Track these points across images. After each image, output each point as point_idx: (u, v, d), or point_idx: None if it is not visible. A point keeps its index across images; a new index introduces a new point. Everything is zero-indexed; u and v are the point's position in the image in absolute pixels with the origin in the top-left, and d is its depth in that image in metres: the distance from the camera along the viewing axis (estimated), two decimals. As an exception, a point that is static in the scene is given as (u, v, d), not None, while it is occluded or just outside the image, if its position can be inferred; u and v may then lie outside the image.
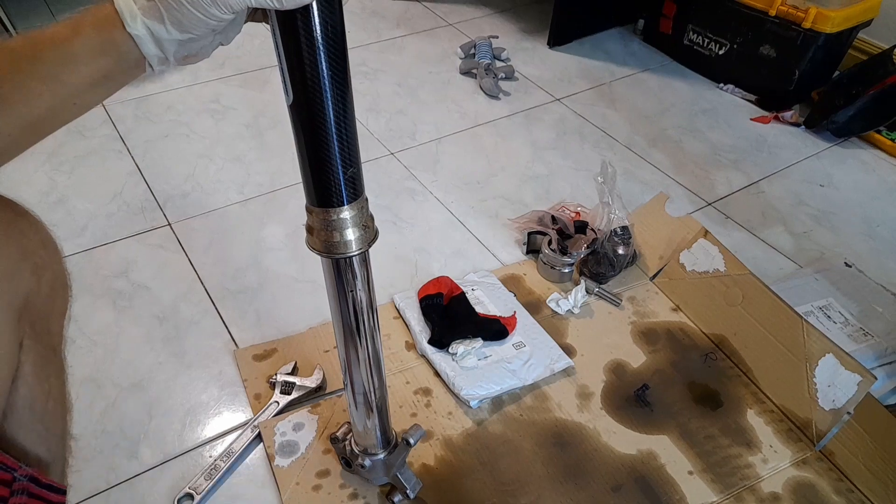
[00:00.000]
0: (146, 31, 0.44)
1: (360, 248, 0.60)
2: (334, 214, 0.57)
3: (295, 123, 0.53)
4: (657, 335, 1.10)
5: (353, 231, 0.58)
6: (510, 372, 0.99)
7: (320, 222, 0.58)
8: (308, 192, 0.57)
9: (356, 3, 2.08)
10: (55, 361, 0.59)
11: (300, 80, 0.50)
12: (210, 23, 0.45)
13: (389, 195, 1.36)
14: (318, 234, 0.59)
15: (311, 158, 0.55)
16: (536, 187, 1.42)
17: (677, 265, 1.15)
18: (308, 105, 0.51)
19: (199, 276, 1.17)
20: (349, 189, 0.56)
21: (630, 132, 1.61)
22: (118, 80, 0.47)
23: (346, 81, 0.52)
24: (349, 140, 0.54)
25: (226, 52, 1.78)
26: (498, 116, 1.63)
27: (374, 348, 0.71)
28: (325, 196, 0.56)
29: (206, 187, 1.36)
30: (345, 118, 0.53)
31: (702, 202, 1.41)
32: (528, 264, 1.22)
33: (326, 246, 0.59)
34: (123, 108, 1.56)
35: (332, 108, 0.52)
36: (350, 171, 0.55)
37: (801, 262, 1.27)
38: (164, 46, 0.45)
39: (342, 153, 0.54)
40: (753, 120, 1.67)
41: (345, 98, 0.52)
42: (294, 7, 0.46)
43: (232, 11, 0.45)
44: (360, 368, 0.72)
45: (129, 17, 0.44)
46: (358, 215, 0.58)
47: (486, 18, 2.06)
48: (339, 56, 0.50)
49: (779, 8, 1.57)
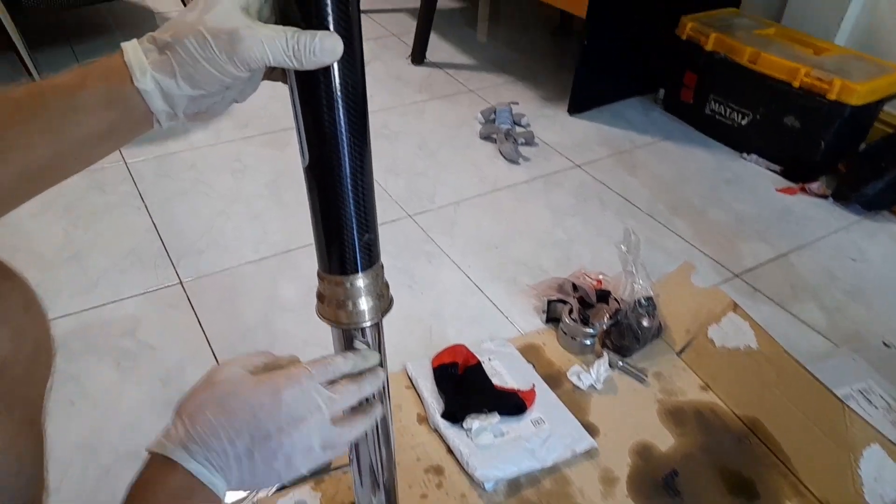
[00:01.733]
0: (155, 86, 0.42)
1: (374, 318, 0.56)
2: (347, 282, 0.54)
3: (310, 185, 0.51)
4: (686, 415, 1.03)
5: (366, 300, 0.55)
6: (528, 451, 0.93)
7: (332, 290, 0.54)
8: (321, 257, 0.54)
9: (380, 67, 2.12)
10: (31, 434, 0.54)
11: (317, 141, 0.48)
12: (224, 80, 0.43)
13: (405, 257, 1.33)
14: (329, 303, 0.55)
15: (325, 222, 0.51)
16: (556, 253, 1.38)
17: (706, 340, 1.10)
18: (324, 167, 0.49)
19: (206, 337, 1.14)
20: (364, 255, 0.53)
21: (651, 200, 1.58)
22: (124, 134, 0.45)
23: (366, 143, 0.49)
24: (366, 204, 0.51)
25: (250, 113, 1.80)
26: (517, 181, 1.62)
27: (384, 424, 0.66)
28: (339, 262, 0.53)
29: (222, 245, 1.34)
30: (363, 181, 0.50)
31: (728, 273, 1.36)
32: (548, 333, 1.18)
33: (338, 315, 0.55)
34: (145, 166, 1.57)
35: (350, 171, 0.49)
36: (366, 236, 0.52)
37: (835, 339, 1.21)
38: (173, 102, 0.44)
39: (359, 218, 0.51)
40: (779, 191, 1.64)
41: (363, 160, 0.50)
42: (314, 67, 0.44)
43: (248, 69, 0.43)
44: (367, 442, 0.67)
45: (139, 71, 0.42)
46: (373, 283, 0.55)
47: (507, 85, 2.08)
48: (359, 117, 0.48)
49: (803, 79, 1.56)
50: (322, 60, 0.43)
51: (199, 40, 0.41)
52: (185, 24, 0.42)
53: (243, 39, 0.41)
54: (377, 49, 2.24)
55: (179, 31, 0.42)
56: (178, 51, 0.42)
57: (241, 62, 0.42)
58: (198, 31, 0.41)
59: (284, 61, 0.43)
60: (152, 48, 0.43)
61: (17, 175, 0.42)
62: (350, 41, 0.44)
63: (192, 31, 0.41)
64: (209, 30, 0.41)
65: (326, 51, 0.43)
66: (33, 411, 0.55)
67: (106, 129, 0.43)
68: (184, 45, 0.41)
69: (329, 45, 0.43)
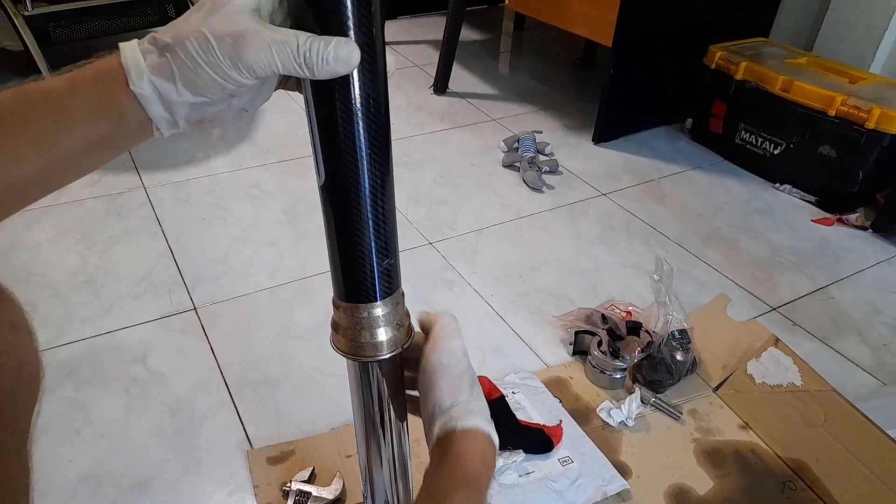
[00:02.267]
0: (153, 90, 0.38)
1: (392, 350, 0.51)
2: (365, 311, 0.49)
3: (326, 205, 0.46)
4: (724, 456, 0.96)
5: (385, 331, 0.50)
6: (556, 493, 0.86)
7: (348, 319, 0.50)
8: (336, 284, 0.49)
9: (402, 97, 2.11)
10: (15, 463, 0.50)
11: (333, 157, 0.43)
12: (228, 87, 0.39)
13: (426, 285, 1.29)
14: (345, 333, 0.50)
15: (341, 245, 0.47)
16: (582, 283, 1.33)
17: (744, 376, 1.03)
18: (341, 186, 0.44)
19: (219, 365, 1.09)
20: (384, 283, 0.48)
21: (681, 230, 1.52)
22: (119, 144, 0.41)
23: (387, 161, 0.45)
24: (387, 227, 0.47)
25: (271, 140, 1.79)
26: (541, 209, 1.57)
27: (402, 458, 0.61)
28: (356, 290, 0.48)
29: (238, 271, 1.31)
30: (383, 201, 0.46)
31: (765, 307, 1.29)
32: (575, 367, 1.11)
33: (353, 347, 0.50)
34: (164, 191, 1.55)
35: (370, 190, 0.44)
36: (386, 262, 0.48)
37: (882, 378, 1.13)
38: (173, 109, 0.40)
39: (378, 241, 0.47)
40: (815, 221, 1.57)
41: (384, 179, 0.45)
42: (328, 77, 0.39)
43: (255, 77, 0.39)
44: (382, 477, 0.61)
45: (136, 75, 0.38)
46: (392, 312, 0.50)
47: (530, 115, 2.05)
48: (380, 132, 0.44)
49: (839, 108, 1.51)
50: (336, 70, 0.39)
51: (202, 43, 0.37)
52: (187, 24, 0.38)
53: (249, 44, 0.37)
54: (399, 79, 2.24)
55: (181, 33, 0.38)
56: (179, 53, 0.38)
57: (247, 68, 0.38)
58: (200, 32, 0.37)
59: (295, 69, 0.38)
60: (152, 50, 0.39)
61: (1, 189, 0.38)
62: (371, 49, 0.40)
63: (195, 33, 0.37)
64: (213, 32, 0.37)
65: (341, 60, 0.39)
66: (18, 440, 0.50)
67: (99, 139, 0.40)
68: (185, 48, 0.38)
69: (344, 53, 0.39)
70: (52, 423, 0.98)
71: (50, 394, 1.02)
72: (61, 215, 1.44)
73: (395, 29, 2.68)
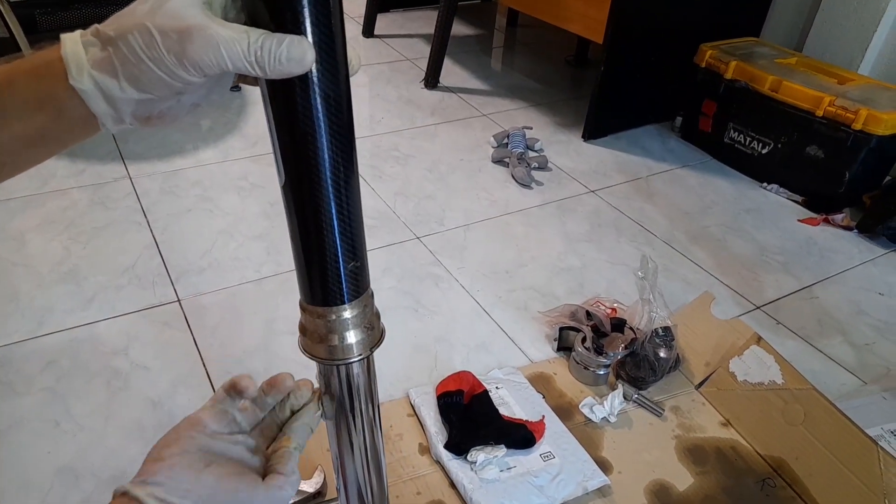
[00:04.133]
0: (93, 85, 0.36)
1: (362, 353, 0.50)
2: (332, 314, 0.48)
3: (288, 208, 0.45)
4: (705, 453, 0.96)
5: (354, 333, 0.49)
6: (537, 488, 0.87)
7: (315, 323, 0.49)
8: (303, 287, 0.48)
9: (392, 91, 2.10)
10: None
11: (293, 158, 0.42)
12: (174, 84, 0.37)
13: (412, 280, 1.28)
14: (313, 336, 0.49)
15: (305, 248, 0.46)
16: (569, 280, 1.33)
17: (726, 374, 1.03)
18: (302, 187, 0.43)
19: (202, 358, 1.09)
20: (351, 285, 0.47)
21: (669, 228, 1.53)
22: (60, 138, 0.39)
23: (351, 161, 0.44)
24: (353, 229, 0.46)
25: (260, 132, 1.78)
26: (529, 206, 1.57)
27: (374, 450, 0.60)
28: (322, 293, 0.47)
29: (223, 264, 1.30)
30: (348, 203, 0.44)
31: (750, 305, 1.30)
32: (559, 363, 1.12)
33: (322, 350, 0.49)
34: (150, 181, 1.54)
35: (333, 193, 0.43)
36: (352, 264, 0.47)
37: (864, 377, 1.14)
38: (116, 105, 0.38)
39: (344, 243, 0.45)
40: (801, 221, 1.58)
41: (348, 181, 0.44)
42: (281, 77, 0.38)
43: (202, 74, 0.37)
44: (355, 470, 0.61)
45: (75, 69, 0.36)
46: (361, 315, 0.49)
47: (521, 111, 2.05)
48: (342, 133, 0.42)
49: (827, 109, 1.51)
50: (290, 70, 0.37)
51: (145, 37, 0.35)
52: (132, 16, 0.36)
53: (196, 40, 0.35)
54: (390, 73, 2.23)
55: (124, 25, 0.36)
56: (121, 47, 0.36)
57: (193, 66, 0.36)
58: (144, 26, 0.35)
59: (246, 68, 0.37)
60: (95, 42, 0.37)
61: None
62: (329, 47, 0.39)
63: (139, 26, 0.35)
64: (157, 26, 0.35)
65: (294, 60, 0.37)
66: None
67: (36, 134, 0.38)
68: (127, 42, 0.35)
69: (297, 53, 0.36)
70: (31, 414, 0.97)
71: (29, 384, 1.02)
72: (45, 205, 1.43)
73: (387, 22, 2.67)
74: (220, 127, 1.81)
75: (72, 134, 0.39)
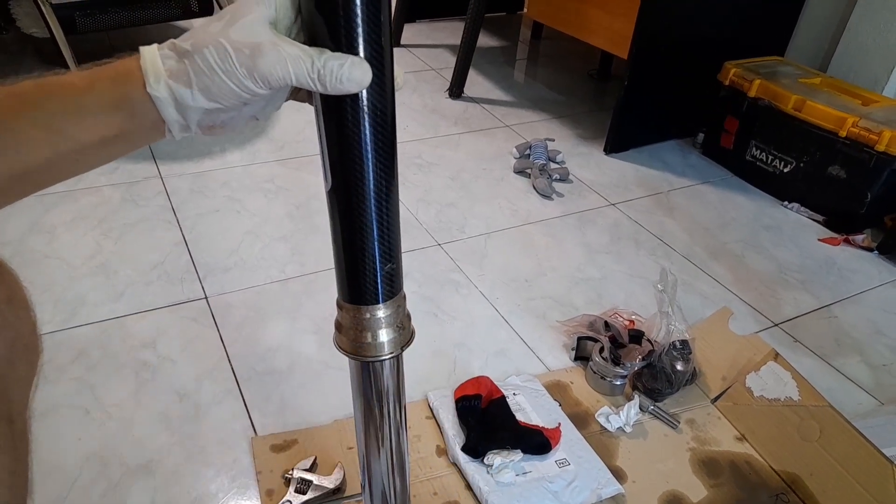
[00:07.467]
0: (169, 94, 0.40)
1: (393, 351, 0.53)
2: (367, 313, 0.51)
3: (332, 211, 0.49)
4: (720, 467, 0.97)
5: (386, 332, 0.52)
6: (552, 494, 0.88)
7: (351, 320, 0.52)
8: (341, 286, 0.52)
9: (417, 100, 2.13)
10: (10, 434, 0.51)
11: (341, 165, 0.46)
12: (242, 95, 0.41)
13: (433, 286, 1.31)
14: (348, 333, 0.52)
15: (346, 250, 0.49)
16: (588, 291, 1.34)
17: (743, 389, 1.04)
18: (348, 192, 0.46)
19: (227, 354, 1.12)
20: (386, 286, 0.51)
21: (689, 243, 1.54)
22: (131, 141, 0.43)
23: (392, 171, 0.47)
24: (391, 233, 0.49)
25: (287, 136, 1.82)
26: (550, 216, 1.59)
27: (399, 452, 0.62)
28: (359, 292, 0.51)
29: (249, 264, 1.33)
30: (388, 209, 0.48)
31: (767, 322, 1.30)
32: (576, 372, 1.13)
33: (355, 346, 0.53)
34: (180, 181, 1.58)
35: (375, 199, 0.47)
36: (388, 266, 0.50)
37: (881, 397, 1.14)
38: (187, 113, 0.41)
39: (382, 247, 0.49)
40: (822, 241, 1.58)
41: (389, 188, 0.47)
42: (339, 93, 0.41)
43: (269, 87, 0.41)
44: (380, 470, 0.63)
45: (153, 77, 0.40)
46: (393, 315, 0.52)
47: (544, 122, 2.07)
48: (387, 144, 0.46)
49: (850, 129, 1.52)
50: (347, 89, 0.41)
51: (220, 52, 0.39)
52: (207, 33, 0.40)
53: (266, 56, 0.39)
54: (415, 82, 2.27)
55: (200, 41, 0.40)
56: (197, 60, 0.40)
57: (262, 79, 0.40)
58: (219, 41, 0.39)
59: (308, 84, 0.41)
60: (171, 55, 0.41)
61: (7, 173, 0.40)
62: (381, 68, 0.43)
63: (214, 42, 0.39)
64: (231, 42, 0.39)
65: (354, 81, 0.41)
66: (15, 409, 0.52)
67: (111, 134, 0.41)
68: (202, 56, 0.40)
69: (357, 75, 0.41)
70: (61, 401, 1.00)
71: (61, 373, 1.05)
72: (78, 200, 1.47)
73: (414, 32, 2.71)
74: (248, 130, 1.85)
75: (141, 137, 0.43)
